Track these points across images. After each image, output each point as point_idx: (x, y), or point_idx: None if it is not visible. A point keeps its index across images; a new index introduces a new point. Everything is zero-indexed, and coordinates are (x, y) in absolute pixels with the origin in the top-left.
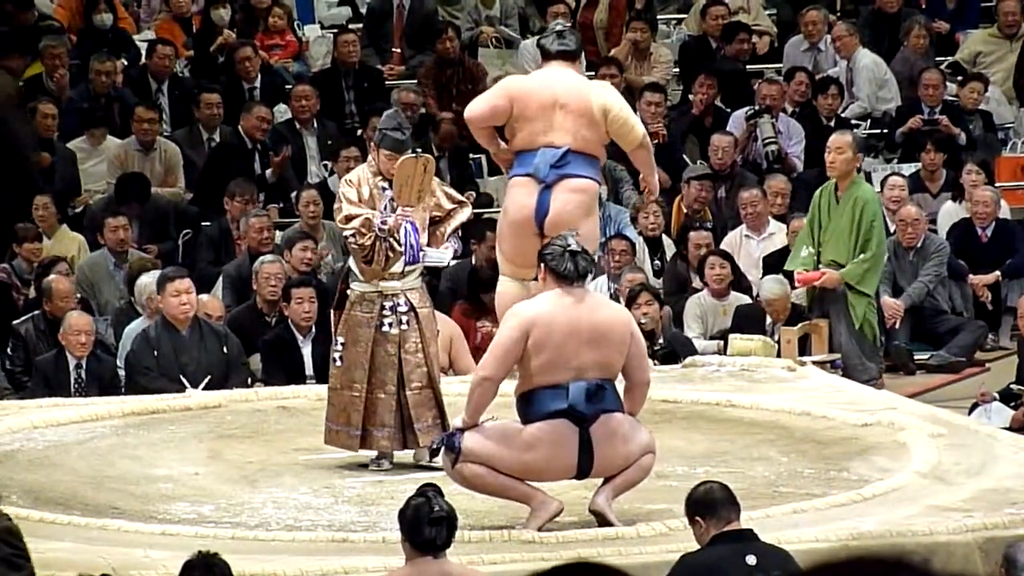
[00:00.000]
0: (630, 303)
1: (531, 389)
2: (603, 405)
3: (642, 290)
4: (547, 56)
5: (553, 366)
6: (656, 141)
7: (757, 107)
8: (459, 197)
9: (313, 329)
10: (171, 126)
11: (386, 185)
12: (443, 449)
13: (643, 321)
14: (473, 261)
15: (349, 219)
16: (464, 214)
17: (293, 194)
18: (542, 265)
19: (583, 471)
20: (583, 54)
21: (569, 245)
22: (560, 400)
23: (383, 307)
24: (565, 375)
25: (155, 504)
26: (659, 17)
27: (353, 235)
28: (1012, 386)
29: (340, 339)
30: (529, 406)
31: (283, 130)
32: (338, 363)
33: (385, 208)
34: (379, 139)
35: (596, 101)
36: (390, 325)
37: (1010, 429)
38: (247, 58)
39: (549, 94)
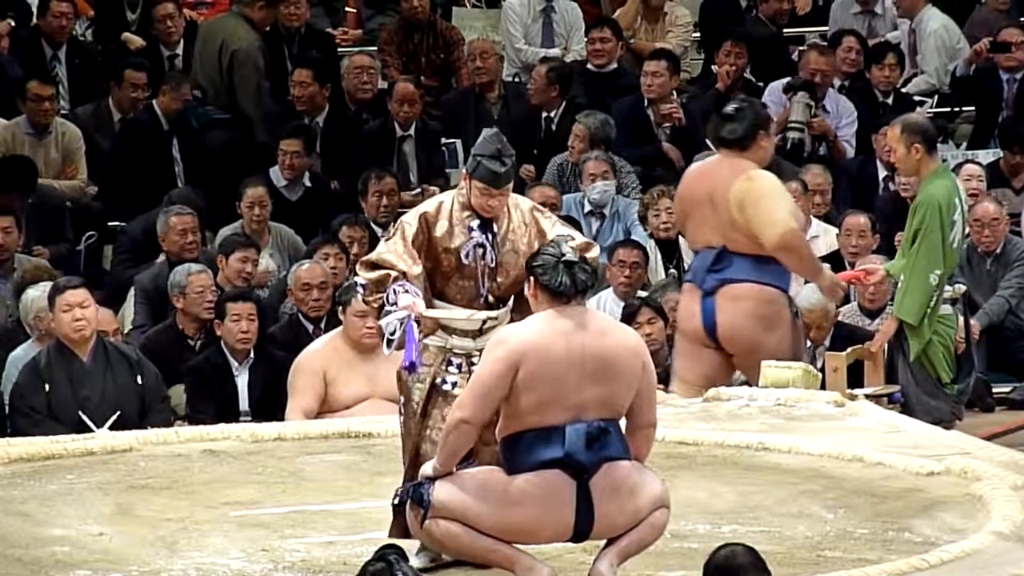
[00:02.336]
0: (627, 321)
1: (518, 432)
2: (606, 452)
3: (642, 305)
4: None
5: (547, 405)
6: (670, 125)
7: (795, 78)
8: (578, 237)
9: (251, 355)
10: (70, 103)
11: (475, 225)
12: (409, 503)
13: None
14: None
15: (373, 266)
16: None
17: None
18: (531, 279)
19: (581, 532)
20: (753, 132)
21: (564, 255)
22: (554, 447)
23: (448, 362)
24: (561, 415)
25: (49, 572)
26: None
27: (363, 287)
28: None
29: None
30: (516, 453)
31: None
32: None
33: (468, 255)
34: (472, 167)
35: (732, 195)
36: (452, 385)
37: None
38: (168, 17)
39: (703, 188)
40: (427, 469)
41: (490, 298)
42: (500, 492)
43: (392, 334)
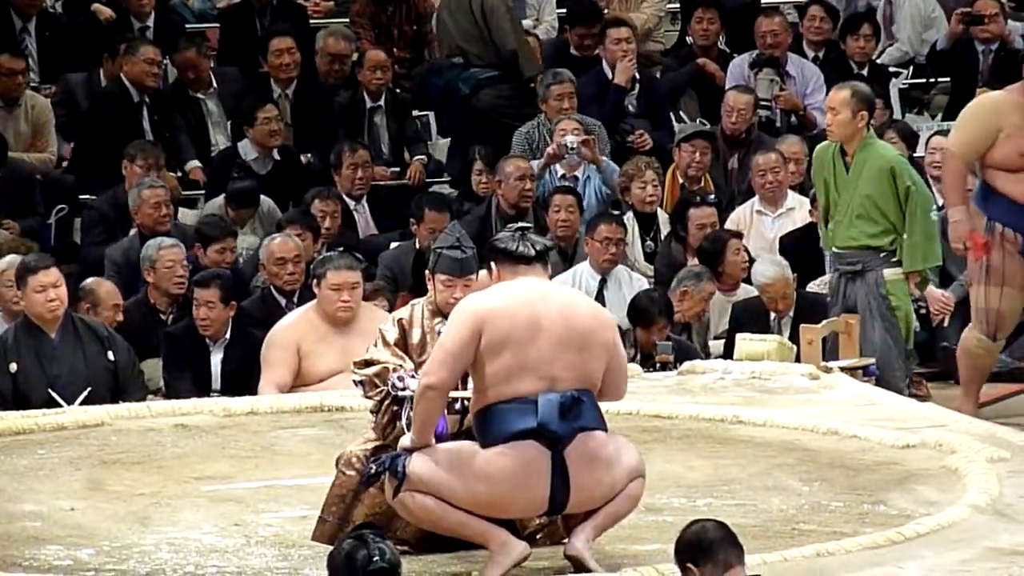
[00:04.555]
0: (639, 321)
1: (490, 404)
2: (581, 422)
3: (658, 314)
4: None
5: (516, 372)
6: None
7: (758, 54)
8: None
9: (228, 334)
10: (39, 76)
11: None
12: (386, 474)
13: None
14: (416, 244)
15: (367, 364)
16: None
17: (190, 167)
18: (491, 263)
19: (557, 505)
20: None
21: (520, 228)
22: (527, 417)
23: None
24: (532, 385)
25: (20, 548)
26: None
27: (360, 383)
28: None
29: None
30: (489, 425)
31: (171, 92)
32: None
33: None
34: (433, 262)
35: None
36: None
37: None
38: None
39: None
40: (405, 441)
41: (466, 403)
42: (474, 465)
43: (405, 392)
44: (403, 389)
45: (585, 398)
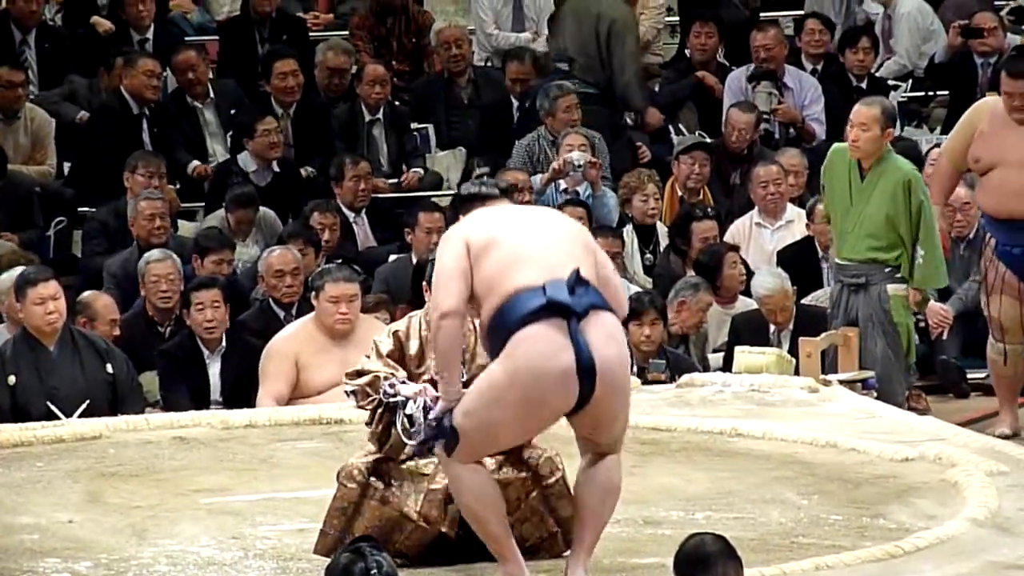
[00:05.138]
0: (631, 318)
1: (498, 306)
2: (590, 299)
3: (649, 306)
4: None
5: (512, 266)
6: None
7: (756, 67)
8: None
9: (223, 342)
10: (39, 87)
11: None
12: (439, 443)
13: (642, 343)
14: (413, 256)
15: (359, 375)
16: None
17: (192, 166)
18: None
19: (585, 372)
20: None
21: (479, 175)
22: (536, 298)
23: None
24: (533, 274)
25: (18, 560)
26: None
27: (352, 393)
28: None
29: None
30: (501, 325)
31: (169, 103)
32: None
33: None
34: (430, 274)
35: None
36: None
37: None
38: (139, 1)
39: None
40: (439, 406)
41: None
42: (497, 375)
43: (413, 424)
44: (394, 396)
45: (590, 283)
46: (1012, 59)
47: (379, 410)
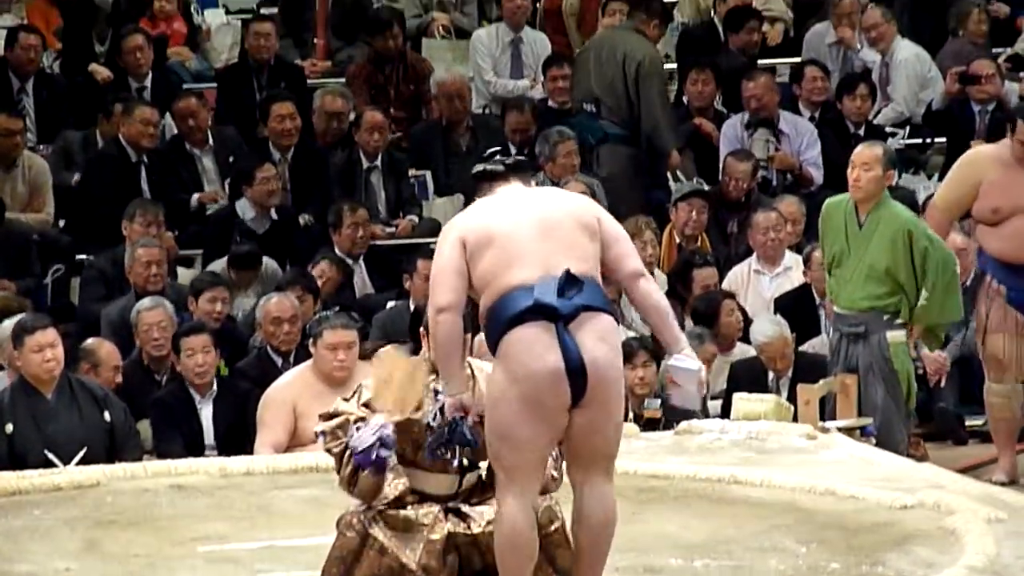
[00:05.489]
0: (624, 361)
1: (491, 304)
2: (582, 300)
3: (640, 348)
4: None
5: (507, 264)
6: None
7: (750, 116)
8: None
9: (214, 386)
10: (37, 136)
11: (440, 387)
12: (456, 449)
13: (636, 386)
14: (411, 303)
15: (331, 416)
16: None
17: (195, 198)
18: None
19: (574, 371)
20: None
21: (491, 152)
22: (525, 297)
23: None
24: (527, 272)
25: None
26: None
27: (322, 434)
28: None
29: None
30: (494, 322)
31: (167, 149)
32: None
33: (435, 417)
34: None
35: None
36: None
37: None
38: (137, 48)
39: None
40: (444, 400)
41: (464, 461)
42: (496, 377)
43: (364, 446)
44: (357, 440)
45: (586, 281)
46: None
47: (346, 454)
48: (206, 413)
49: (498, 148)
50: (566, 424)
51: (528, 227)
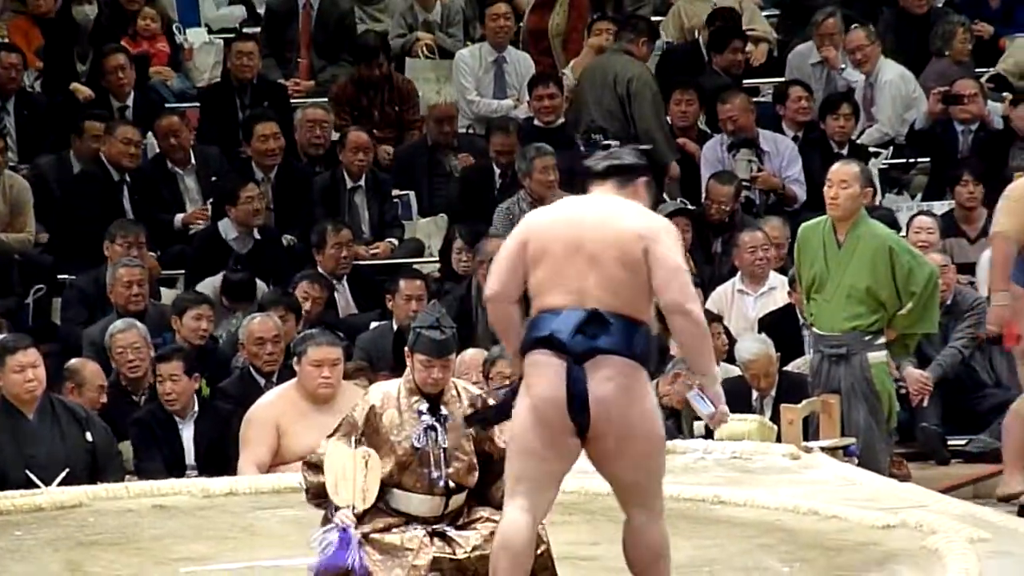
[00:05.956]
0: None
1: (532, 315)
2: (598, 343)
3: None
4: None
5: (549, 285)
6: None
7: (733, 136)
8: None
9: (196, 407)
10: (18, 155)
11: (424, 408)
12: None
13: None
14: (394, 323)
15: (308, 466)
16: None
17: (179, 219)
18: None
19: (577, 410)
20: None
21: (606, 144)
22: (548, 323)
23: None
24: (562, 298)
25: None
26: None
27: (306, 491)
28: None
29: None
30: (524, 337)
31: (147, 169)
32: None
33: (420, 439)
34: (412, 341)
35: None
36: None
37: None
38: (119, 68)
39: None
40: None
41: (449, 483)
42: (521, 387)
43: (326, 547)
44: (323, 544)
45: (613, 320)
46: None
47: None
48: (187, 433)
49: (607, 143)
50: (577, 452)
51: (575, 250)
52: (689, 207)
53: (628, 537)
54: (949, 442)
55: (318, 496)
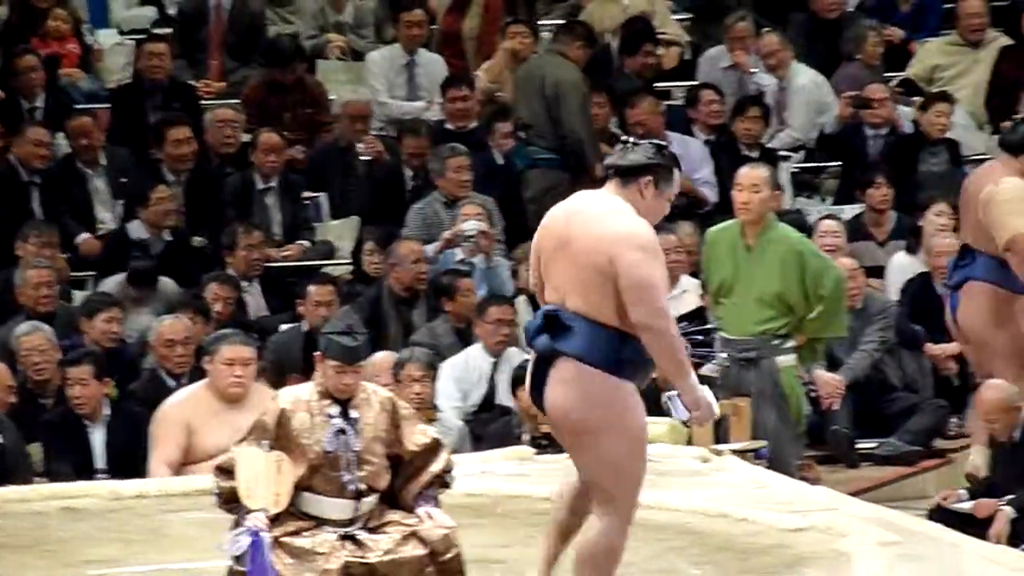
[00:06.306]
0: (519, 383)
1: None
2: (559, 344)
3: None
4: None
5: (544, 279)
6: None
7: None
8: (428, 438)
9: (107, 410)
10: None
11: (334, 412)
12: None
13: (530, 408)
14: (304, 325)
15: (220, 471)
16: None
17: (80, 238)
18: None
19: (542, 408)
20: None
21: (624, 140)
22: (530, 321)
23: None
24: (550, 295)
25: None
26: (542, 23)
27: (218, 495)
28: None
29: None
30: None
31: (57, 170)
32: None
33: (330, 442)
34: (324, 346)
35: (981, 196)
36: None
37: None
38: (29, 69)
39: (976, 188)
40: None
41: (360, 487)
42: None
43: (239, 550)
44: (236, 548)
45: (576, 324)
46: None
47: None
48: (98, 438)
49: (626, 139)
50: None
51: (562, 248)
52: None
53: (584, 529)
54: (859, 445)
55: (230, 501)
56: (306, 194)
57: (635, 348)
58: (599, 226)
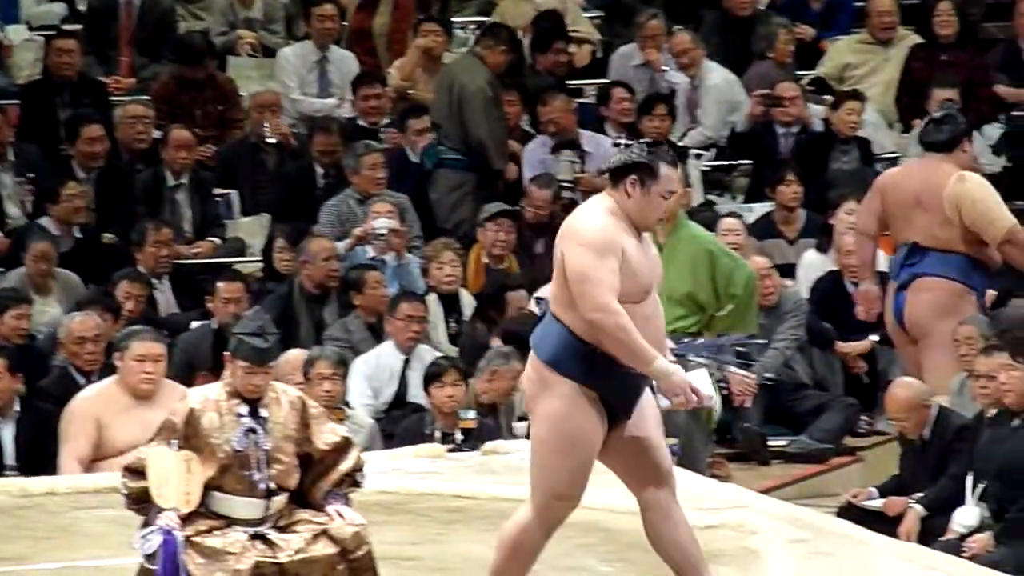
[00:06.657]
0: (432, 380)
1: None
2: (534, 338)
3: (450, 367)
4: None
5: None
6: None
7: (555, 137)
8: (338, 436)
9: (17, 406)
10: None
11: (244, 411)
12: None
13: (445, 405)
14: (214, 323)
15: (128, 471)
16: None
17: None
18: None
19: None
20: (957, 138)
21: (621, 143)
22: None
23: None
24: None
25: None
26: (455, 20)
27: (127, 496)
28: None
29: None
30: None
31: None
32: None
33: (239, 441)
34: (234, 347)
35: (947, 195)
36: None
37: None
38: None
39: (910, 188)
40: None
41: (271, 486)
42: None
43: (150, 549)
44: (147, 546)
45: (549, 320)
46: None
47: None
48: (7, 433)
49: (623, 142)
50: None
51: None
52: (512, 208)
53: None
54: (769, 442)
55: (139, 501)
56: (217, 191)
57: (593, 351)
58: (573, 224)
